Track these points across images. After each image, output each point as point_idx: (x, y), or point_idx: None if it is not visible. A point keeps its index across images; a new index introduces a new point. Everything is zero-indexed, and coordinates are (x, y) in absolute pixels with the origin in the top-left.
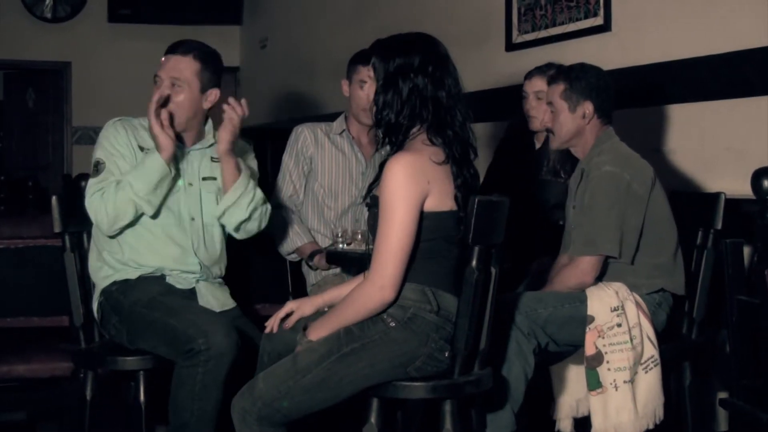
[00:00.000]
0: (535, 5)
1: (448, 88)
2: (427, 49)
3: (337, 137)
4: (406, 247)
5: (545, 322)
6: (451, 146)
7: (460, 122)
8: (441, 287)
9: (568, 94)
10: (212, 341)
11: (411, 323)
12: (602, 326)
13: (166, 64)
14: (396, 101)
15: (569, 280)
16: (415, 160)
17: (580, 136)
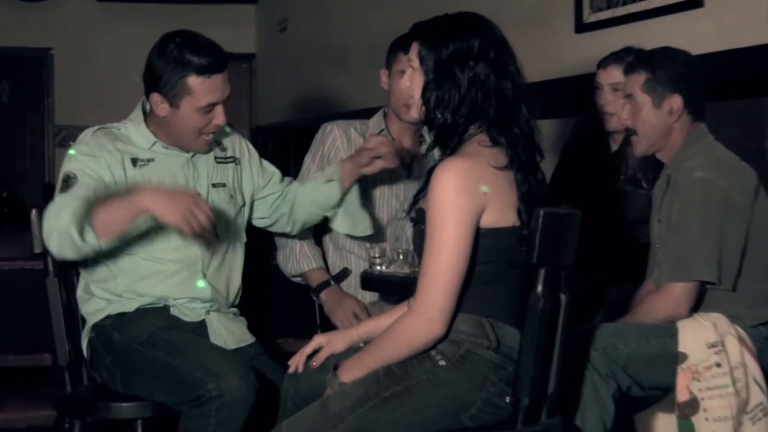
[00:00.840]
0: None
1: (512, 76)
2: (486, 30)
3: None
4: (458, 272)
5: (627, 360)
6: (516, 147)
7: (525, 119)
8: (501, 318)
9: (652, 85)
10: (225, 386)
11: (465, 362)
12: (697, 366)
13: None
14: (453, 96)
15: (657, 310)
16: (470, 166)
17: (667, 137)
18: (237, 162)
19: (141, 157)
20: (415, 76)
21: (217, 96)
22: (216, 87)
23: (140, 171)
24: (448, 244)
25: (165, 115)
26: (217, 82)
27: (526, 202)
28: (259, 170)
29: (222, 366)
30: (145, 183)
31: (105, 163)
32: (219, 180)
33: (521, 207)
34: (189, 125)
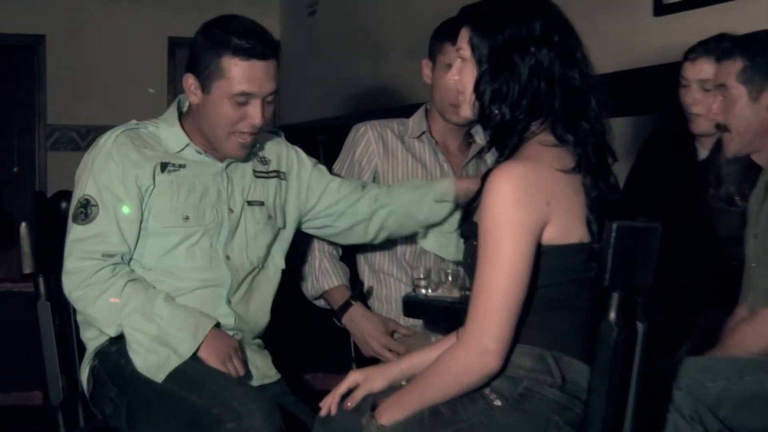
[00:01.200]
0: None
1: (579, 64)
2: (548, 11)
3: (415, 141)
4: (515, 298)
5: (716, 400)
6: (585, 146)
7: (595, 113)
8: (567, 351)
9: (750, 75)
10: (247, 425)
11: (524, 402)
12: None
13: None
14: (513, 88)
15: (751, 340)
16: (529, 173)
17: (766, 136)
18: (281, 177)
19: (171, 162)
20: (465, 67)
21: (253, 86)
22: (254, 74)
23: (169, 177)
24: (504, 263)
25: (197, 102)
26: (255, 69)
27: (596, 211)
28: (308, 187)
29: (245, 403)
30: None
31: (131, 177)
32: (256, 197)
33: (591, 217)
34: (219, 116)
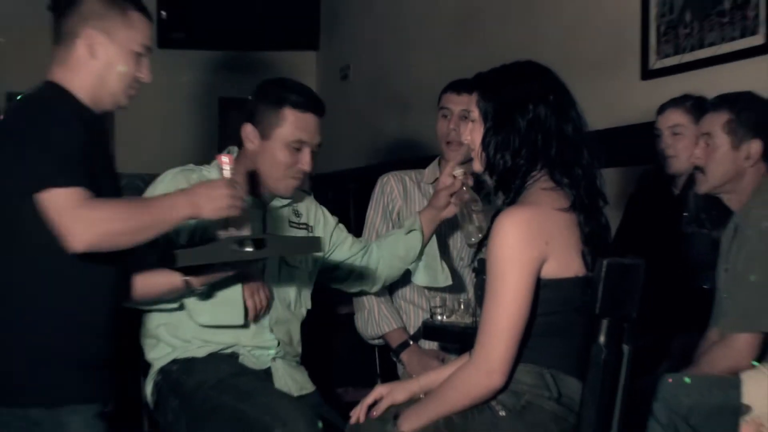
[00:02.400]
0: (678, 22)
1: (573, 119)
2: (544, 75)
3: (430, 187)
4: (518, 324)
5: (689, 411)
6: (579, 188)
7: (587, 161)
8: (562, 369)
9: (733, 126)
10: (292, 431)
11: (525, 413)
12: (762, 419)
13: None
14: (513, 139)
15: (720, 361)
16: (531, 216)
17: (738, 181)
18: (309, 230)
19: None
20: (475, 127)
21: (307, 135)
22: (308, 125)
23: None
24: (509, 295)
25: (254, 148)
26: (309, 121)
27: (590, 245)
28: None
29: (290, 412)
30: None
31: None
32: None
33: (585, 250)
34: (276, 159)
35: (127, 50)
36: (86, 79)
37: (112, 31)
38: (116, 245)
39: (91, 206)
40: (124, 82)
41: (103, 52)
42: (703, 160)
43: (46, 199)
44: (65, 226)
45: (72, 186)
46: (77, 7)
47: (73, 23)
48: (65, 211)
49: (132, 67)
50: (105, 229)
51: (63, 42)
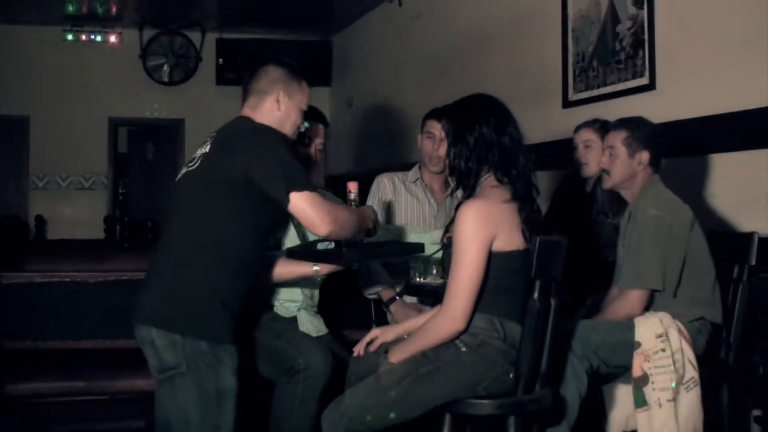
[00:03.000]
0: (588, 67)
1: (510, 134)
2: (488, 104)
3: (412, 185)
4: (475, 284)
5: (597, 347)
6: (516, 184)
7: (522, 164)
8: (508, 317)
9: (630, 141)
10: (311, 361)
11: (480, 349)
12: (648, 351)
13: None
14: (464, 150)
15: (619, 310)
16: (484, 206)
17: (632, 180)
18: None
19: None
20: (443, 144)
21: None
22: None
23: None
24: (468, 264)
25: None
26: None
27: (527, 224)
28: None
29: (310, 347)
30: None
31: None
32: None
33: (523, 228)
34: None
35: (298, 107)
36: (269, 123)
37: (292, 93)
38: (344, 234)
39: (331, 207)
40: (294, 128)
41: (284, 107)
42: (608, 165)
43: (302, 197)
44: (316, 219)
45: (315, 191)
46: (268, 73)
47: (265, 84)
48: (317, 208)
49: (300, 119)
50: (341, 225)
51: (255, 95)
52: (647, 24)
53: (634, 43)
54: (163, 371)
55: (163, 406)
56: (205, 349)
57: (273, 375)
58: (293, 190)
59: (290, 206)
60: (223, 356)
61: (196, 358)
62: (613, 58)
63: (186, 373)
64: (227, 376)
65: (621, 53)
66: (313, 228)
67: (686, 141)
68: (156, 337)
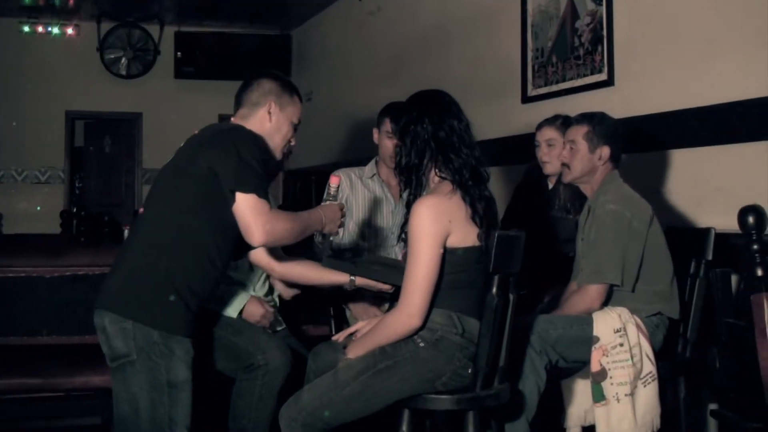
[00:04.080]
0: (547, 63)
1: (448, 126)
2: (425, 102)
3: (369, 180)
4: (431, 281)
5: (556, 341)
6: (460, 173)
7: (466, 151)
8: (466, 312)
9: (591, 136)
10: (269, 357)
11: (438, 344)
12: (606, 346)
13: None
14: (403, 150)
15: (578, 305)
16: (435, 202)
17: (591, 175)
18: None
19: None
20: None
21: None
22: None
23: None
24: (422, 261)
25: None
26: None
27: (478, 213)
28: None
29: (268, 343)
30: None
31: None
32: None
33: (475, 217)
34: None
35: (289, 121)
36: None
37: (284, 106)
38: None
39: (274, 217)
40: (284, 142)
41: (275, 119)
42: (568, 159)
43: (246, 199)
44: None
45: (265, 199)
46: (261, 85)
47: (258, 95)
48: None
49: (291, 133)
50: (279, 236)
51: (247, 106)
52: (606, 20)
53: (593, 39)
54: (115, 359)
55: (117, 395)
56: (156, 339)
57: (232, 371)
58: (240, 189)
59: (234, 206)
60: (176, 348)
61: (147, 347)
62: (572, 53)
63: (136, 362)
64: (180, 368)
65: (580, 49)
66: (247, 234)
67: (644, 137)
68: (108, 324)
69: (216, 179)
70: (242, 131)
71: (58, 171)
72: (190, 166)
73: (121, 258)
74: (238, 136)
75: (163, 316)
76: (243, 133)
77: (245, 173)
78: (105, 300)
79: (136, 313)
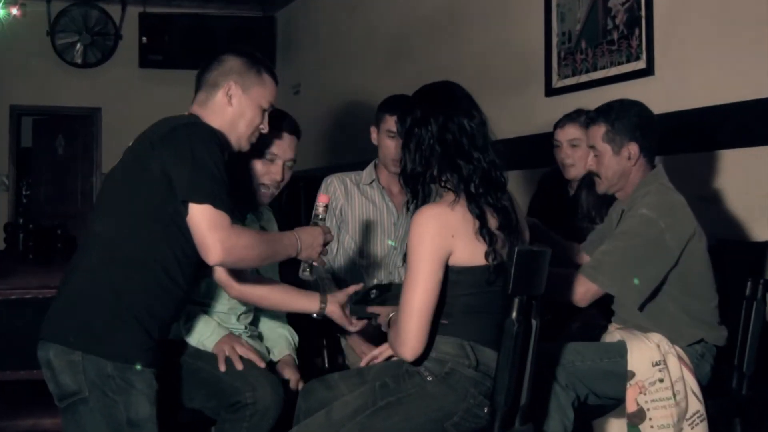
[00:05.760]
0: (575, 49)
1: (457, 126)
2: (431, 98)
3: (367, 187)
4: (428, 303)
5: (584, 374)
6: (467, 181)
7: (477, 155)
8: (480, 341)
9: (611, 135)
10: (259, 396)
11: (449, 378)
12: (644, 382)
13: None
14: (407, 156)
15: (568, 291)
16: (438, 213)
17: (626, 179)
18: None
19: None
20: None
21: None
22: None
23: None
24: (420, 282)
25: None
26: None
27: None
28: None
29: (258, 379)
30: None
31: None
32: None
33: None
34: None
35: (256, 104)
36: (219, 122)
37: (248, 86)
38: (238, 266)
39: (235, 233)
40: (250, 130)
41: (238, 103)
42: (595, 168)
43: (201, 211)
44: (210, 243)
45: (225, 211)
46: (222, 63)
47: (217, 75)
48: (214, 230)
49: (259, 119)
50: (238, 257)
51: (205, 89)
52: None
53: (629, 20)
54: (64, 398)
55: None
56: (111, 371)
57: (212, 409)
58: (194, 199)
59: (188, 218)
60: (135, 381)
61: (101, 382)
62: (605, 38)
63: (89, 400)
64: (142, 404)
65: (613, 32)
66: (201, 251)
67: (689, 134)
68: (53, 357)
69: (172, 186)
70: (199, 127)
71: (2, 177)
72: (141, 170)
73: (66, 280)
74: (195, 134)
75: (118, 345)
76: (200, 130)
77: (200, 179)
78: (48, 330)
79: (85, 343)
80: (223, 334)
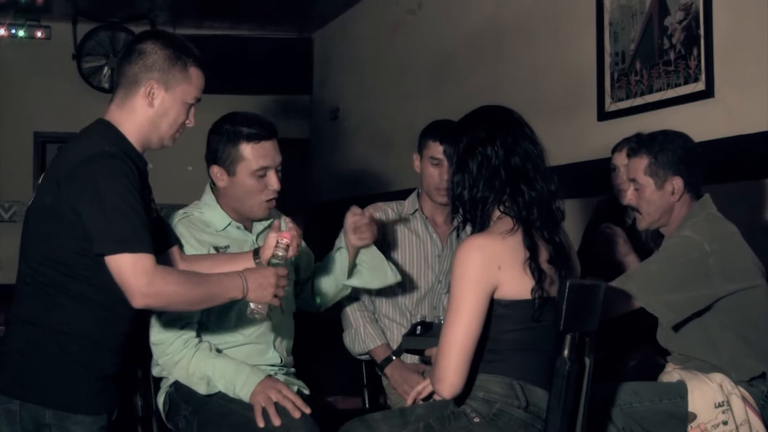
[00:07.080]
0: (629, 70)
1: (523, 151)
2: (495, 118)
3: (410, 218)
4: (468, 342)
5: (642, 417)
6: (529, 209)
7: (540, 186)
8: (530, 380)
9: (654, 168)
10: None
11: (497, 419)
12: (706, 425)
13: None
14: (467, 178)
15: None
16: (486, 243)
17: (670, 213)
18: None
19: (221, 245)
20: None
21: (268, 160)
22: (266, 152)
23: None
24: (462, 316)
25: (225, 185)
26: (266, 148)
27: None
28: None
29: (292, 420)
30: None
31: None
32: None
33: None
34: (247, 190)
35: (180, 102)
36: (138, 122)
37: (172, 84)
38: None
39: (160, 276)
40: (173, 129)
41: (160, 103)
42: (635, 202)
43: (117, 260)
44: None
45: (144, 252)
46: (143, 58)
47: (137, 71)
48: (136, 276)
49: (183, 116)
50: (166, 301)
51: (124, 86)
52: (703, 15)
53: (687, 39)
54: None
55: None
56: (48, 420)
57: None
58: (107, 251)
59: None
60: (74, 430)
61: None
62: (661, 58)
63: None
64: None
65: (670, 52)
66: (128, 297)
67: (751, 160)
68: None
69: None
70: (102, 162)
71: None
72: (54, 208)
73: (6, 329)
74: (98, 172)
75: (56, 390)
76: (103, 166)
77: (111, 226)
78: None
79: (22, 391)
80: (257, 381)
